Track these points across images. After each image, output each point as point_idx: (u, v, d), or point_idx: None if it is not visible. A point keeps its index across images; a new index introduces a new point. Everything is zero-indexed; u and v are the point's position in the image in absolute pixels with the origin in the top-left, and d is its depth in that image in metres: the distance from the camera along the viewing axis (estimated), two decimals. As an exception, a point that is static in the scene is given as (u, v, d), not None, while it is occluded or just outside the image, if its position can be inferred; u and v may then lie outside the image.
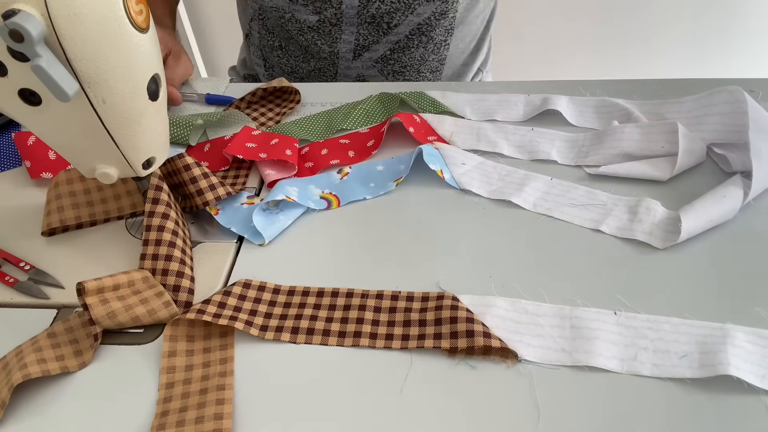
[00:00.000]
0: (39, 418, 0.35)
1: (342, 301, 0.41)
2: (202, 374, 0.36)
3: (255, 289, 0.42)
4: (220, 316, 0.39)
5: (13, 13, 0.31)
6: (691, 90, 0.56)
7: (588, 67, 1.53)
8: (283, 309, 0.41)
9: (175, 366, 0.37)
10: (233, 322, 0.38)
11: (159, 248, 0.42)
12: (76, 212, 0.47)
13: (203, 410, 0.34)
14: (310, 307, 0.41)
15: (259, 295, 0.41)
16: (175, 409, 0.34)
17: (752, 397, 0.34)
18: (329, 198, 0.50)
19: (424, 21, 0.73)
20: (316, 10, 0.70)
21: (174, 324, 0.39)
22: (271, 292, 0.42)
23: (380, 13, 0.71)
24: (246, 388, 0.36)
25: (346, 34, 0.72)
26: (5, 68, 0.34)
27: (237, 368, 0.37)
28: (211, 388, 0.35)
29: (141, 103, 0.38)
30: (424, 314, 0.39)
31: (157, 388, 0.36)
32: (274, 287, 0.42)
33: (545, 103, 0.57)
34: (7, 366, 0.37)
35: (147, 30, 0.37)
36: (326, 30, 0.72)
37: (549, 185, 0.49)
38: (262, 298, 0.41)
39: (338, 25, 0.72)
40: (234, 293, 0.41)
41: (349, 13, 0.70)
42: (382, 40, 0.73)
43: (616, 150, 0.51)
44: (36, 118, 0.37)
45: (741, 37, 1.38)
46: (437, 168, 0.50)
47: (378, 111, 0.60)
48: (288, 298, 0.41)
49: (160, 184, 0.44)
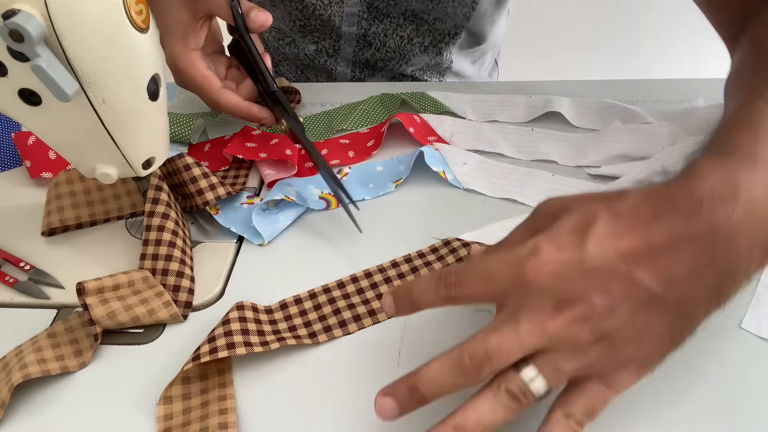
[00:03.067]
0: (39, 418, 0.35)
1: (324, 297, 0.41)
2: (201, 409, 0.35)
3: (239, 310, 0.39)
4: (216, 349, 0.36)
5: (13, 13, 0.31)
6: (701, 90, 0.55)
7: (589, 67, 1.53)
8: (271, 325, 0.39)
9: (172, 396, 0.36)
10: (233, 350, 0.36)
11: (159, 248, 0.42)
12: (76, 212, 0.47)
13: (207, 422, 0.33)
14: (300, 315, 0.40)
15: (241, 314, 0.39)
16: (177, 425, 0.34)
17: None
18: (328, 198, 0.50)
19: (418, 69, 0.74)
20: (314, 40, 0.71)
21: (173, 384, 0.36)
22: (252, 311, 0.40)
23: (374, 59, 0.71)
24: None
25: (342, 66, 0.74)
26: (5, 68, 0.34)
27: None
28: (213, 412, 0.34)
29: (141, 103, 0.38)
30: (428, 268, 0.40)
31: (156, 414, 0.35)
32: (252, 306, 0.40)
33: (547, 104, 0.57)
34: (7, 366, 0.37)
35: (147, 30, 0.37)
36: (322, 60, 0.73)
37: (551, 182, 0.49)
38: (246, 317, 0.39)
39: (335, 57, 0.72)
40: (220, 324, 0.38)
41: (346, 50, 0.71)
42: (377, 74, 0.74)
43: (615, 151, 0.51)
44: (36, 118, 0.37)
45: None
46: (439, 169, 0.50)
47: (379, 111, 0.59)
48: (269, 316, 0.40)
49: (160, 184, 0.44)
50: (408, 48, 0.71)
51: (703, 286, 0.28)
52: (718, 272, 0.28)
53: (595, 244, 0.28)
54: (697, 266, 0.28)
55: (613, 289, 0.28)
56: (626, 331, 0.28)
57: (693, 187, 0.29)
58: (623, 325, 0.28)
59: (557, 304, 0.28)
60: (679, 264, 0.28)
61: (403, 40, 0.70)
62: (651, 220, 0.29)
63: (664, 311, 0.28)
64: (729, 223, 0.28)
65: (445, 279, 0.31)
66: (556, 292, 0.28)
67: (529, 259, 0.29)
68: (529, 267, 0.29)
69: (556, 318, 0.28)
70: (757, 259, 0.29)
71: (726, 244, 0.28)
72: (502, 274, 0.30)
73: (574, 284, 0.28)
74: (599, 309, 0.28)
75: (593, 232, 0.29)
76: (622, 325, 0.28)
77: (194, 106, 0.64)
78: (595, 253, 0.28)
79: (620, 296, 0.28)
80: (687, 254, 0.28)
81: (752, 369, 0.35)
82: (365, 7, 0.67)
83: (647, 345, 0.28)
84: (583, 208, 0.30)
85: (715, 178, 0.29)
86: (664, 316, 0.28)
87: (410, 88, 0.63)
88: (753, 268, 0.30)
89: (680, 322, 0.29)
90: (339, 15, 0.68)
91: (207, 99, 0.53)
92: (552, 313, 0.28)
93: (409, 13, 0.68)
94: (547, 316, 0.28)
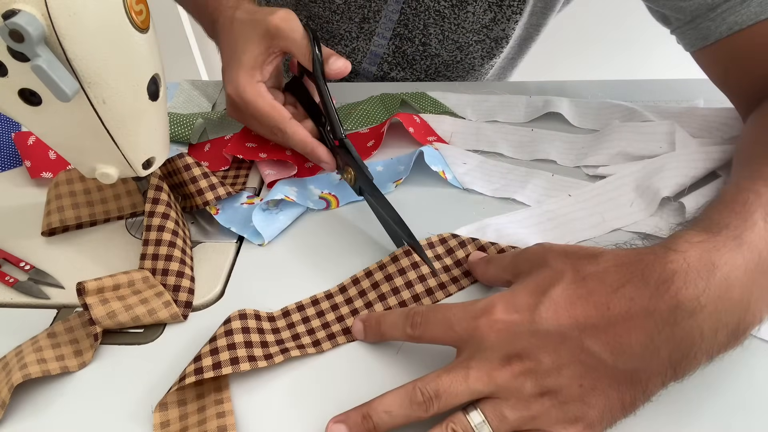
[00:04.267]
0: (39, 418, 0.35)
1: (327, 304, 0.41)
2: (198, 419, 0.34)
3: (242, 319, 0.38)
4: (219, 364, 0.35)
5: (13, 13, 0.31)
6: (701, 90, 0.55)
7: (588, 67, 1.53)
8: (275, 335, 0.39)
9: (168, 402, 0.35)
10: (237, 366, 0.35)
11: (159, 248, 0.42)
12: (76, 212, 0.47)
13: (204, 427, 0.33)
14: (303, 322, 0.40)
15: (244, 324, 0.38)
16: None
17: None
18: (328, 198, 0.50)
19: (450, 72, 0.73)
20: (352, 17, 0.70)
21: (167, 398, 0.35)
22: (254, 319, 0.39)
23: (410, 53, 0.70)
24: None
25: (375, 45, 0.71)
26: (5, 68, 0.34)
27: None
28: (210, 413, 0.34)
29: (141, 103, 0.38)
30: None
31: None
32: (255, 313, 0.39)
33: (547, 105, 0.57)
34: (7, 366, 0.37)
35: (147, 30, 0.37)
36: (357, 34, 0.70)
37: (551, 182, 0.49)
38: (249, 327, 0.38)
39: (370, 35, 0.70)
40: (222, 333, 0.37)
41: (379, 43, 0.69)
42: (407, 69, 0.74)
43: (614, 150, 0.51)
44: (36, 118, 0.37)
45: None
46: (439, 169, 0.50)
47: (379, 111, 0.60)
48: (272, 324, 0.39)
49: (160, 184, 0.44)
50: None
51: (659, 360, 0.29)
52: (676, 349, 0.29)
53: (548, 309, 0.30)
54: (653, 341, 0.28)
55: (562, 351, 0.29)
56: (572, 390, 0.29)
57: (669, 259, 0.29)
58: (569, 384, 0.29)
59: (506, 358, 0.30)
60: (634, 336, 0.29)
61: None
62: (615, 289, 0.30)
63: (612, 379, 0.29)
64: (697, 302, 0.28)
65: (412, 319, 0.34)
66: (506, 347, 0.30)
67: (482, 317, 0.32)
68: (482, 323, 0.31)
69: (503, 369, 0.30)
70: (722, 342, 0.29)
71: (689, 323, 0.28)
72: (459, 324, 0.32)
73: (521, 343, 0.30)
74: (545, 366, 0.29)
75: (550, 295, 0.31)
76: (568, 384, 0.29)
77: (194, 106, 0.64)
78: (547, 318, 0.30)
79: (568, 359, 0.29)
80: (644, 327, 0.28)
81: (756, 370, 0.35)
82: (391, 51, 0.67)
83: (594, 408, 0.29)
84: (555, 266, 0.32)
85: (694, 254, 0.29)
86: (613, 383, 0.29)
87: (410, 88, 0.63)
88: (716, 349, 0.29)
89: (632, 392, 0.29)
90: (363, 51, 0.67)
91: (273, 128, 0.50)
92: (500, 365, 0.30)
93: (432, 70, 0.67)
94: (495, 366, 0.30)
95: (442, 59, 0.66)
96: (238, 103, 0.50)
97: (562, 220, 0.45)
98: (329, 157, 0.50)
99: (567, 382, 0.29)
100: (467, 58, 0.65)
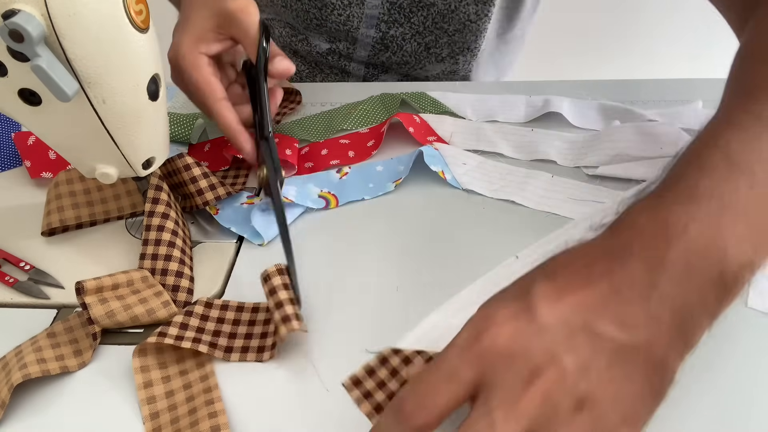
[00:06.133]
0: (39, 418, 0.35)
1: None
2: (186, 396, 0.35)
3: (217, 309, 0.40)
4: (182, 338, 0.37)
5: (13, 13, 0.31)
6: (701, 90, 0.55)
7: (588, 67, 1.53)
8: (248, 327, 0.39)
9: (155, 395, 0.35)
10: (197, 345, 0.37)
11: (158, 248, 0.42)
12: (76, 212, 0.47)
13: (197, 427, 0.33)
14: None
15: (221, 314, 0.39)
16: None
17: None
18: (327, 197, 0.50)
19: (433, 75, 0.73)
20: (329, 39, 0.70)
21: (141, 354, 0.37)
22: (234, 311, 0.40)
23: (389, 62, 0.71)
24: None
25: (354, 66, 0.73)
26: (5, 68, 0.34)
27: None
28: (200, 405, 0.34)
29: (141, 103, 0.38)
30: None
31: (142, 421, 0.35)
32: (237, 305, 0.40)
33: (547, 105, 0.57)
34: (6, 366, 0.37)
35: (147, 30, 0.37)
36: (334, 59, 0.73)
37: (550, 183, 0.49)
38: (225, 318, 0.39)
39: (347, 58, 0.72)
40: (196, 313, 0.39)
41: (360, 54, 0.71)
42: (390, 74, 0.74)
43: (614, 151, 0.51)
44: (36, 118, 0.37)
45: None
46: (438, 169, 0.50)
47: (378, 111, 0.60)
48: (252, 315, 0.40)
49: (160, 184, 0.44)
50: (424, 55, 0.71)
51: (665, 327, 0.27)
52: (673, 312, 0.27)
53: (542, 306, 0.27)
54: (649, 307, 0.27)
55: (578, 344, 0.26)
56: (606, 390, 0.26)
57: (619, 233, 0.29)
58: (600, 384, 0.26)
59: (527, 378, 0.26)
60: (630, 307, 0.27)
61: (420, 47, 0.70)
62: (589, 271, 0.28)
63: (638, 360, 0.27)
64: (664, 261, 0.27)
65: (402, 411, 0.27)
66: (521, 363, 0.26)
67: (483, 333, 0.27)
68: (485, 338, 0.27)
69: (529, 393, 0.25)
70: (713, 298, 0.28)
71: (668, 283, 0.27)
72: (463, 363, 0.27)
73: (533, 347, 0.26)
74: (570, 370, 0.26)
75: (534, 293, 0.28)
76: (599, 383, 0.26)
77: (194, 107, 0.64)
78: (545, 312, 0.27)
79: (588, 352, 0.26)
80: (633, 296, 0.27)
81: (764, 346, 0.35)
82: (386, 9, 0.67)
83: (630, 401, 0.26)
84: (517, 283, 0.29)
85: (643, 219, 0.29)
86: (639, 365, 0.27)
87: (410, 88, 0.63)
88: (712, 306, 0.28)
89: (656, 372, 0.27)
90: (358, 16, 0.68)
91: (202, 104, 0.50)
92: (523, 389, 0.25)
93: (429, 22, 0.68)
94: (518, 394, 0.25)
95: (437, 8, 0.66)
96: (175, 69, 0.50)
97: None
98: (250, 147, 0.49)
99: (597, 381, 0.26)
100: (461, 5, 0.66)
